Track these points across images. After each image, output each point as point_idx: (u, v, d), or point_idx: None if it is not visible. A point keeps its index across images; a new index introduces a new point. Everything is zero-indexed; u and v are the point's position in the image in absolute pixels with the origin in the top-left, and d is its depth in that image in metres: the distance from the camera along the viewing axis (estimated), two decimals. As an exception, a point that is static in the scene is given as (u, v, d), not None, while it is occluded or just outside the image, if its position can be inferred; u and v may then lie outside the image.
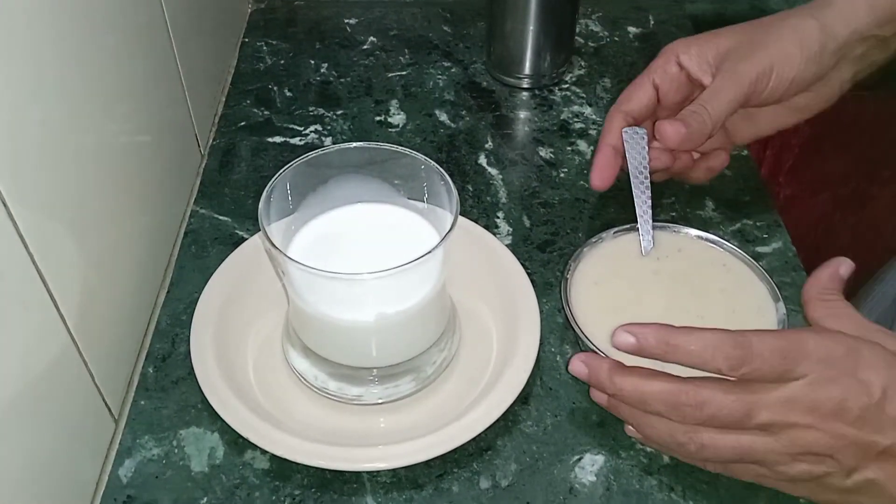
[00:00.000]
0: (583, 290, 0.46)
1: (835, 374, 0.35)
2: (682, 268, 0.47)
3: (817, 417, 0.35)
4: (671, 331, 0.37)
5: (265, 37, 0.75)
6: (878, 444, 0.35)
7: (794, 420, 0.36)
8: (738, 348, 0.36)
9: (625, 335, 0.38)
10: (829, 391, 0.35)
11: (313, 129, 0.64)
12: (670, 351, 0.37)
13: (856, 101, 0.89)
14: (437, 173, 0.43)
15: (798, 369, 0.35)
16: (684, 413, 0.37)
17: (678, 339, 0.37)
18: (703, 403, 0.36)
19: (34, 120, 0.37)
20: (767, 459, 0.37)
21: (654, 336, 0.37)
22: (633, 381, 0.38)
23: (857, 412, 0.35)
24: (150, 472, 0.43)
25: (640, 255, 0.48)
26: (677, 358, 0.37)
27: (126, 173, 0.48)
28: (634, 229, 0.49)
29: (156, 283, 0.53)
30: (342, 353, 0.45)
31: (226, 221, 0.57)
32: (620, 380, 0.39)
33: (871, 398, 0.35)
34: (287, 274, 0.42)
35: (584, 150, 0.63)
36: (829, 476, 0.37)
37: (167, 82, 0.55)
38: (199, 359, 0.45)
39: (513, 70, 0.69)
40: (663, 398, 0.37)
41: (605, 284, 0.46)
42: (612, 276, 0.47)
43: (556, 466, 0.43)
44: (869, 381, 0.35)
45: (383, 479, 0.43)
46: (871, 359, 0.36)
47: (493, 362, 0.46)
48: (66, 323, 0.39)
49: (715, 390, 0.37)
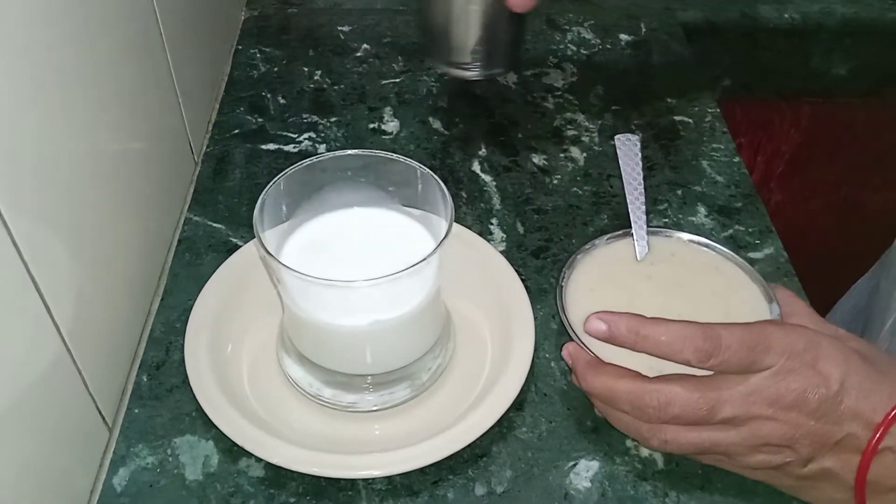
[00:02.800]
0: (578, 297, 0.46)
1: (796, 366, 0.36)
2: (676, 272, 0.48)
3: (778, 409, 0.37)
4: (642, 321, 0.38)
5: (259, 44, 0.75)
6: (834, 435, 0.36)
7: (756, 412, 0.37)
8: (708, 340, 0.36)
9: (597, 322, 0.39)
10: (790, 383, 0.36)
11: (307, 137, 0.64)
12: (640, 341, 0.38)
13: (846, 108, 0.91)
14: (431, 180, 0.43)
15: (763, 361, 0.37)
16: (648, 414, 0.38)
17: (648, 329, 0.38)
18: (667, 404, 0.37)
19: (28, 127, 0.37)
20: (729, 451, 0.38)
21: (625, 325, 0.38)
22: (603, 380, 0.40)
23: (816, 404, 0.36)
24: (145, 481, 0.43)
25: (633, 261, 0.48)
26: (646, 348, 0.38)
27: (120, 181, 0.48)
28: (627, 235, 0.49)
29: (150, 290, 0.52)
30: (337, 360, 0.45)
31: (220, 229, 0.57)
32: (592, 377, 0.40)
33: (829, 390, 0.36)
34: (281, 281, 0.42)
35: (578, 156, 0.63)
36: (787, 465, 0.38)
37: (161, 89, 0.55)
38: (193, 367, 0.45)
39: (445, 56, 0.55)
40: (629, 399, 0.39)
41: (600, 290, 0.47)
42: (606, 281, 0.47)
43: (551, 472, 0.43)
44: (828, 373, 0.36)
45: (379, 486, 0.42)
46: (831, 352, 0.37)
47: (488, 369, 0.47)
48: (60, 331, 0.39)
49: (678, 389, 0.37)
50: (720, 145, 0.65)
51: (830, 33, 0.85)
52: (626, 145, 0.52)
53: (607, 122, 0.67)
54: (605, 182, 0.61)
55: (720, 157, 0.63)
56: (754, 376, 0.37)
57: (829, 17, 0.84)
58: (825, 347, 0.37)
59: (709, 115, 0.68)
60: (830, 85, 0.89)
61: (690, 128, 0.66)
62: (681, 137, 0.65)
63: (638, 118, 0.67)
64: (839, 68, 0.88)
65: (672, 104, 0.69)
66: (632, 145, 0.51)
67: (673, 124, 0.66)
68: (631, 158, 0.51)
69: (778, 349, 0.36)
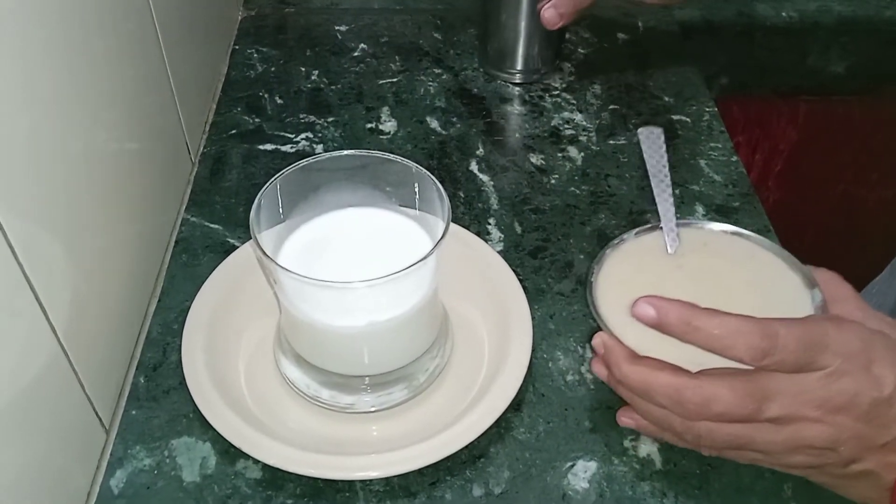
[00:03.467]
0: (607, 290, 0.44)
1: (850, 368, 0.35)
2: (709, 262, 0.45)
3: (826, 411, 0.35)
4: (695, 311, 0.36)
5: (256, 44, 0.74)
6: (881, 438, 0.35)
7: (803, 413, 0.35)
8: (765, 339, 0.34)
9: (645, 307, 0.37)
10: (843, 385, 0.35)
11: (304, 137, 0.64)
12: (690, 332, 0.36)
13: (844, 106, 0.91)
14: (428, 181, 0.43)
15: (819, 361, 0.35)
16: (689, 410, 0.36)
17: (701, 320, 0.35)
18: (711, 401, 0.35)
19: (23, 127, 0.37)
20: (767, 450, 0.37)
21: (676, 313, 0.36)
22: (641, 371, 0.37)
23: (866, 407, 0.35)
24: (142, 483, 0.42)
25: (664, 253, 0.46)
26: (696, 340, 0.36)
27: (116, 181, 0.48)
28: (656, 228, 0.47)
29: (146, 291, 0.52)
30: (334, 361, 0.44)
31: (217, 229, 0.56)
32: (629, 367, 0.38)
33: (881, 394, 0.35)
34: (278, 282, 0.42)
35: (575, 156, 0.63)
36: (827, 465, 0.37)
37: (157, 90, 0.55)
38: (190, 368, 0.45)
39: (505, 65, 0.70)
40: (668, 393, 0.37)
41: (631, 283, 0.44)
42: (636, 274, 0.45)
43: (549, 473, 0.43)
44: (882, 376, 0.35)
45: (376, 487, 0.42)
46: (885, 353, 0.35)
47: (486, 369, 0.46)
48: (56, 332, 0.39)
49: (723, 386, 0.35)
50: (718, 144, 0.64)
51: (827, 31, 0.85)
52: (649, 138, 0.50)
53: (605, 122, 0.66)
54: (603, 182, 0.61)
55: (718, 156, 0.63)
56: (806, 376, 0.35)
57: (827, 14, 0.84)
58: (879, 349, 0.35)
59: (706, 114, 0.67)
60: (828, 83, 0.89)
61: (688, 127, 0.66)
62: (678, 136, 0.65)
63: (635, 117, 0.67)
64: (836, 66, 0.88)
65: (669, 103, 0.69)
66: (655, 138, 0.50)
67: (670, 123, 0.66)
68: (655, 151, 0.50)
69: (834, 349, 0.35)
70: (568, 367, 0.48)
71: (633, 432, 0.45)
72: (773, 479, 0.43)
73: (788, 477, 0.43)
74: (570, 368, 0.48)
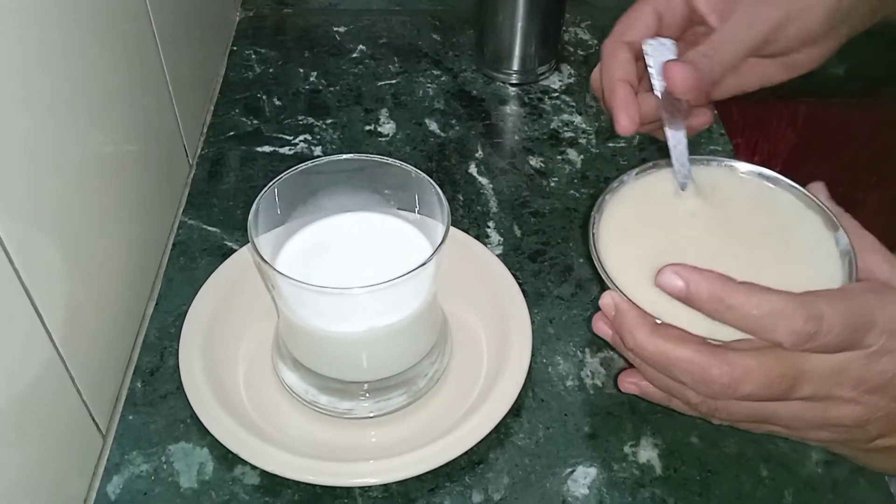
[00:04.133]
0: (612, 244, 0.39)
1: (892, 346, 0.32)
2: (723, 205, 0.40)
3: (861, 391, 0.33)
4: (730, 287, 0.32)
5: (254, 45, 0.74)
6: None
7: (836, 393, 0.33)
8: (810, 322, 0.31)
9: (673, 277, 0.33)
10: (884, 365, 0.32)
11: (303, 139, 0.64)
12: (723, 310, 0.32)
13: (843, 108, 0.91)
14: (427, 184, 0.43)
15: (864, 341, 0.32)
16: (714, 390, 0.33)
17: (737, 298, 0.32)
18: (741, 381, 0.32)
19: (19, 130, 0.36)
20: (791, 425, 0.35)
21: (707, 288, 0.32)
22: (660, 344, 0.34)
23: None
24: (139, 489, 0.42)
25: (671, 196, 0.40)
26: (730, 319, 0.32)
27: (113, 184, 0.48)
28: (658, 167, 0.42)
29: (143, 295, 0.52)
30: (333, 366, 0.44)
31: (214, 232, 0.56)
32: (646, 338, 0.34)
33: None
34: (276, 287, 0.42)
35: (575, 158, 0.63)
36: (852, 441, 0.35)
37: (154, 91, 0.55)
38: (187, 373, 0.45)
39: (502, 66, 0.70)
40: (691, 369, 0.33)
41: (639, 236, 0.39)
42: (643, 223, 0.40)
43: (549, 479, 0.43)
44: None
45: (375, 493, 0.42)
46: None
47: (485, 374, 0.46)
48: (52, 337, 0.39)
49: (753, 364, 0.32)
50: (717, 147, 0.64)
51: (827, 33, 0.84)
52: (658, 51, 0.41)
53: (604, 124, 0.66)
54: (603, 184, 0.61)
55: (718, 159, 0.63)
56: (845, 355, 0.32)
57: (827, 17, 0.84)
58: None
59: (706, 117, 0.67)
60: (827, 85, 0.89)
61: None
62: (678, 139, 0.65)
63: (635, 120, 0.67)
64: (836, 68, 0.88)
65: (669, 105, 0.68)
66: (665, 51, 0.42)
67: (670, 126, 0.66)
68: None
69: (880, 327, 0.32)
70: (568, 371, 0.48)
71: (633, 437, 0.44)
72: (774, 486, 0.42)
73: (789, 482, 0.42)
74: (569, 373, 0.48)
